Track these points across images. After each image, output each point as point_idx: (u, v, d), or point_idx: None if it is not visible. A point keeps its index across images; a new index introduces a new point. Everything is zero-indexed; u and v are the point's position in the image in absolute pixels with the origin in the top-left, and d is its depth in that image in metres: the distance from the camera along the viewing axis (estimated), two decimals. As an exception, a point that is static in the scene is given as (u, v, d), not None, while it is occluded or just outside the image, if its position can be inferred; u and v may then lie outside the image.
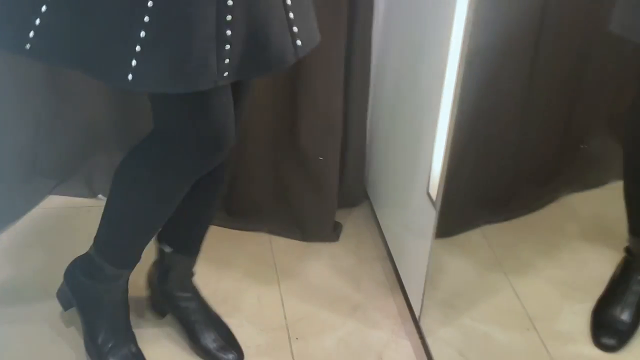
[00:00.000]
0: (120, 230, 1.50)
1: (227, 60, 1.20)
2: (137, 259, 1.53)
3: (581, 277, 1.87)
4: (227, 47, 1.20)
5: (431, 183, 1.66)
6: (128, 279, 1.55)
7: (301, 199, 2.00)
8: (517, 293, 1.83)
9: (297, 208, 2.01)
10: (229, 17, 1.19)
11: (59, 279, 1.57)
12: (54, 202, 2.10)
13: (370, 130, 2.10)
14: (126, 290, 1.56)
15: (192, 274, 1.63)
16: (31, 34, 1.20)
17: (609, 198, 1.96)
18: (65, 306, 1.59)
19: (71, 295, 1.57)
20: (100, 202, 2.06)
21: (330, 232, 2.00)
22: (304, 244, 1.99)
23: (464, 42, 1.47)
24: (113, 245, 1.52)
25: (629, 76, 1.74)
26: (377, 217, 2.11)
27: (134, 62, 1.16)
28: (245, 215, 1.92)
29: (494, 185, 2.01)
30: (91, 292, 1.55)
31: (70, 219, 2.05)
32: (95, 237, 1.52)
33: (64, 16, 1.20)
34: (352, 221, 2.11)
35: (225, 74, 1.21)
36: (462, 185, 1.76)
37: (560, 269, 1.91)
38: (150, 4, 1.14)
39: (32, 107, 1.96)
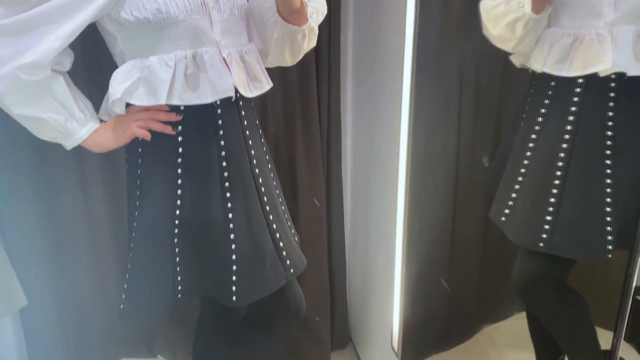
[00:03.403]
0: None
1: (288, 262, 1.42)
2: None
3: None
4: (284, 253, 1.42)
5: (393, 338, 1.94)
6: None
7: (306, 348, 2.25)
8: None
9: (305, 355, 2.26)
10: (277, 235, 1.42)
11: None
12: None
13: (349, 298, 2.38)
14: None
15: None
16: (179, 286, 1.37)
17: (514, 326, 2.26)
18: None
19: None
20: (160, 360, 2.30)
21: (328, 370, 2.25)
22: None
23: (404, 240, 1.81)
24: None
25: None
26: (359, 356, 2.35)
27: (234, 288, 1.35)
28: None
29: (436, 327, 2.23)
30: None
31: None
32: None
33: (190, 263, 1.37)
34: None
35: (291, 270, 1.43)
36: (415, 331, 1.99)
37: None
38: (232, 236, 1.32)
39: (107, 298, 2.06)
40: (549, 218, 1.58)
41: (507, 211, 1.70)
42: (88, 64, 1.67)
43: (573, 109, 1.56)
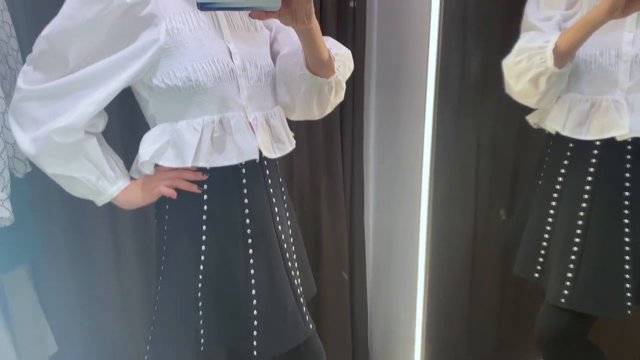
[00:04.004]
0: None
1: (307, 317, 1.42)
2: None
3: None
4: (304, 309, 1.43)
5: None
6: None
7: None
8: None
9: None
10: (298, 291, 1.43)
11: None
12: None
13: (370, 349, 2.39)
14: None
15: None
16: (202, 339, 1.38)
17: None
18: None
19: None
20: None
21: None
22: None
23: (425, 292, 1.86)
24: None
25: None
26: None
27: (254, 342, 1.35)
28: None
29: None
30: None
31: None
32: None
33: (213, 316, 1.37)
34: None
35: (311, 325, 1.44)
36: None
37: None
38: (254, 292, 1.34)
39: (135, 347, 1.96)
40: (570, 275, 1.61)
41: (539, 267, 1.73)
42: (123, 116, 1.72)
43: (591, 169, 1.59)
